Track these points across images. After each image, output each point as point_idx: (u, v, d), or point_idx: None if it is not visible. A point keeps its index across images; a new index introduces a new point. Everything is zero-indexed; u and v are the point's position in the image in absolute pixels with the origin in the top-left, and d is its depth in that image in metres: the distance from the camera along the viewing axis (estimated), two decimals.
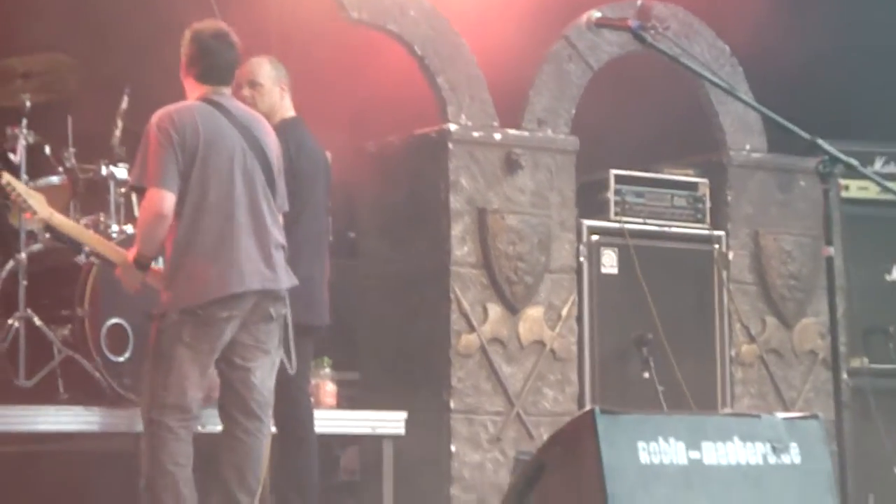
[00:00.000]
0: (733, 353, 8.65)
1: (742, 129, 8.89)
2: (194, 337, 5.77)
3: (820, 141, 4.81)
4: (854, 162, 4.86)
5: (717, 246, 8.66)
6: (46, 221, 6.12)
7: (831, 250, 4.86)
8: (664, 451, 4.31)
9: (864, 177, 7.94)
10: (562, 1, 8.20)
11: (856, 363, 8.86)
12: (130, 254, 5.95)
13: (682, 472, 4.33)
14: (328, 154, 7.01)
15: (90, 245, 6.20)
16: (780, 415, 4.63)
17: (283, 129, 6.51)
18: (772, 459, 4.44)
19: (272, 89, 6.78)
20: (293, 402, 6.59)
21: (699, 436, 4.40)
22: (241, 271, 5.83)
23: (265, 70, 6.79)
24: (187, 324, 5.76)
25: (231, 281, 5.81)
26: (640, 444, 4.31)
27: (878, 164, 9.06)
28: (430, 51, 8.07)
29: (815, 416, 4.63)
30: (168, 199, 5.75)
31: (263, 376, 6.00)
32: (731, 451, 4.40)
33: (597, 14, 5.06)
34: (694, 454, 4.35)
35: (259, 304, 5.92)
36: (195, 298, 5.78)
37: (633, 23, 4.84)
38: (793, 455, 4.47)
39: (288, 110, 6.81)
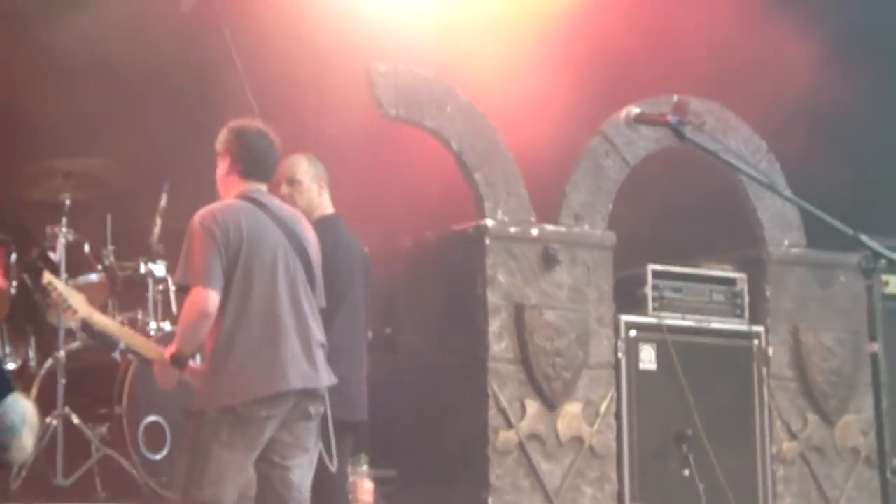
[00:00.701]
0: (774, 450, 8.55)
1: (780, 224, 8.86)
2: (232, 436, 5.72)
3: (863, 236, 4.77)
4: None
5: (756, 342, 8.60)
6: (86, 320, 6.11)
7: (876, 346, 4.80)
8: None
9: None
10: (598, 97, 8.23)
11: None
12: (167, 351, 5.93)
13: None
14: (365, 250, 7.01)
15: (128, 343, 6.18)
16: None
17: (321, 225, 6.51)
18: None
19: (310, 186, 6.79)
20: (331, 500, 6.53)
21: None
22: (285, 370, 5.80)
23: (303, 167, 6.81)
24: (226, 423, 5.72)
25: (275, 380, 5.77)
26: None
27: None
28: (467, 146, 8.11)
29: None
30: (213, 298, 5.72)
31: (302, 475, 5.94)
32: None
33: (635, 110, 5.05)
34: None
35: (299, 404, 5.87)
36: (238, 397, 5.73)
37: (671, 118, 4.83)
38: None
39: (326, 207, 6.81)
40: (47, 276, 6.15)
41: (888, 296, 8.73)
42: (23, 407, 2.76)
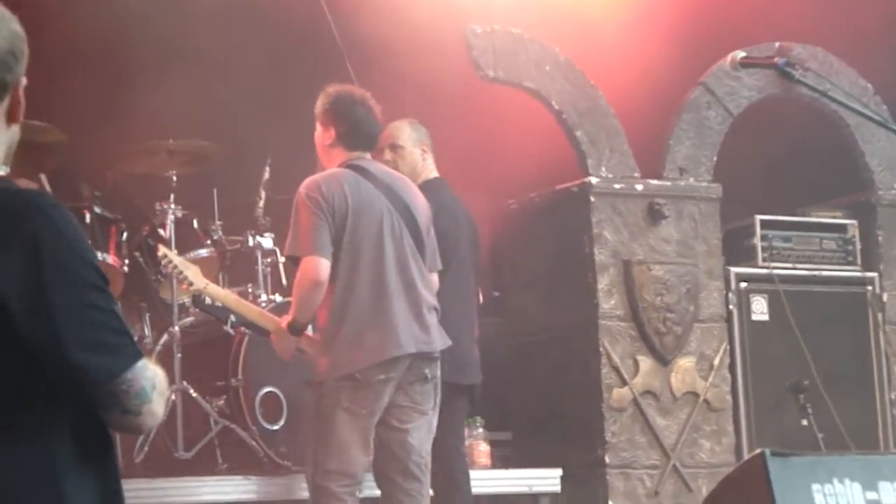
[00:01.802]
0: (893, 396, 8.43)
1: (890, 167, 8.70)
2: (353, 401, 5.77)
3: None
4: None
5: (870, 288, 8.47)
6: (202, 292, 6.18)
7: None
8: (840, 492, 4.19)
9: None
10: (696, 49, 8.15)
11: None
12: (283, 321, 5.99)
13: None
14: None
15: (244, 314, 6.25)
16: None
17: (424, 190, 6.52)
18: None
19: (413, 151, 6.80)
20: (449, 462, 6.56)
21: (875, 476, 4.27)
22: (398, 335, 5.85)
23: (405, 133, 6.82)
24: (346, 388, 5.78)
25: (389, 345, 5.83)
26: (815, 487, 4.19)
27: None
28: (568, 105, 8.05)
29: None
30: (324, 266, 5.78)
31: (421, 438, 5.98)
32: None
33: (741, 54, 4.99)
34: (871, 495, 4.23)
35: (413, 365, 5.92)
36: (354, 365, 5.79)
37: (779, 60, 4.76)
38: None
39: (430, 171, 6.82)
40: (163, 250, 6.24)
41: None
42: (152, 373, 2.78)
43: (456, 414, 6.66)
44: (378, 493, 6.09)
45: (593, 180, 7.96)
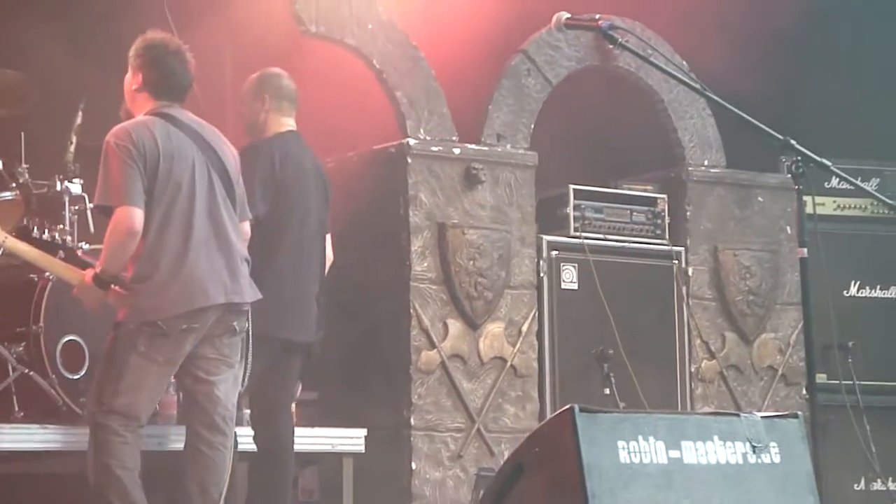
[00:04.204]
0: (693, 368, 8.62)
1: (701, 144, 8.89)
2: (150, 347, 5.70)
3: (793, 141, 4.79)
4: (827, 162, 4.85)
5: (676, 261, 8.64)
6: (1, 246, 6.01)
7: (805, 251, 4.84)
8: (644, 450, 4.26)
9: (828, 192, 8.02)
10: (519, 16, 8.19)
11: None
12: (88, 273, 5.86)
13: (662, 471, 4.28)
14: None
15: (48, 268, 6.12)
16: (760, 414, 4.58)
17: (272, 143, 6.56)
18: (752, 459, 4.40)
19: (250, 105, 6.81)
20: (275, 419, 6.55)
21: (679, 435, 4.35)
22: (205, 286, 5.78)
23: (246, 85, 6.85)
24: (144, 334, 5.70)
25: (195, 296, 5.76)
26: (620, 444, 4.26)
27: (834, 181, 9.06)
28: (389, 65, 8.03)
29: (794, 416, 4.59)
30: (138, 216, 5.69)
31: (227, 390, 5.94)
32: (710, 451, 4.35)
33: (566, 14, 5.03)
34: (674, 453, 4.30)
35: (222, 318, 5.86)
36: (157, 313, 5.71)
37: (603, 23, 4.81)
38: (773, 454, 4.43)
39: (281, 124, 6.75)
40: None
41: (821, 216, 8.73)
42: None
43: (287, 371, 6.64)
44: (181, 445, 6.00)
45: (411, 142, 7.96)
